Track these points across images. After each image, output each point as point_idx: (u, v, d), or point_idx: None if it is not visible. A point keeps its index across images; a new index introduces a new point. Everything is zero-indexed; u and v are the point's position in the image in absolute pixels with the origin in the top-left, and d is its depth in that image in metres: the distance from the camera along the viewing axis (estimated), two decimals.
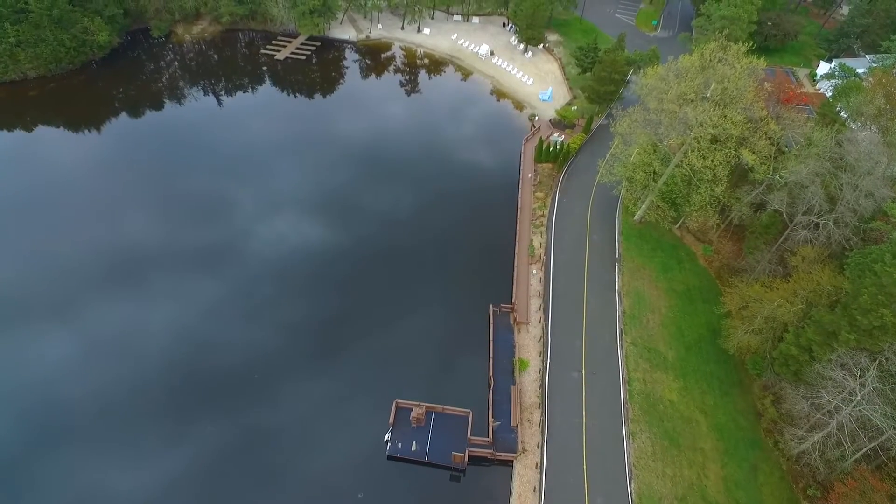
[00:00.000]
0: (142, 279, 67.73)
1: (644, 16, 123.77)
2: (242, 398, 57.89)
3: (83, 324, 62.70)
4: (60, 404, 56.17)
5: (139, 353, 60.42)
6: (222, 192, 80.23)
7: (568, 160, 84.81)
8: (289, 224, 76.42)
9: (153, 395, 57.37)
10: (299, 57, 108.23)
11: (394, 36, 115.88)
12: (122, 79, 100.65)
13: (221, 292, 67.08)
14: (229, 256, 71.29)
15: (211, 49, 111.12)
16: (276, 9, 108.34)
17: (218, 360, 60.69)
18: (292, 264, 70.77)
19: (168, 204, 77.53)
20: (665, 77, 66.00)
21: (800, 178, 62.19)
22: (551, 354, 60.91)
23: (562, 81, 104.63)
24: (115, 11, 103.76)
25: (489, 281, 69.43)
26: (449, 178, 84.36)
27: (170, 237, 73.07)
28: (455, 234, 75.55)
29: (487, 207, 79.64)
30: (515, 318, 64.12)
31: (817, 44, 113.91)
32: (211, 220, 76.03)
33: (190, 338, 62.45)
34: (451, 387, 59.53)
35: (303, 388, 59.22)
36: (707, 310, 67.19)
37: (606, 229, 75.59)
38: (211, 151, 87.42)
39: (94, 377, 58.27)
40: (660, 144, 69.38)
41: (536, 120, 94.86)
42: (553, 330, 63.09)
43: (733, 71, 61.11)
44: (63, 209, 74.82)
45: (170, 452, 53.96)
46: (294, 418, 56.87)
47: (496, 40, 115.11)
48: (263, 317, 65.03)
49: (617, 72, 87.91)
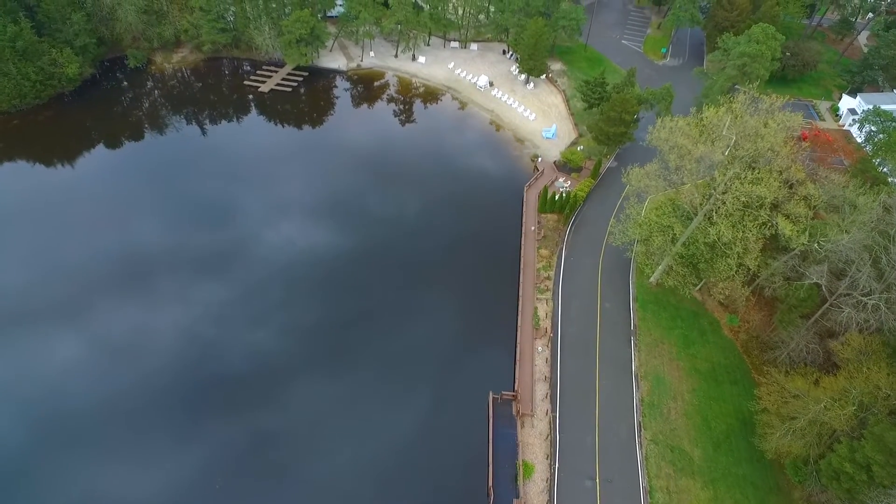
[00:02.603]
0: (107, 329, 60.69)
1: (652, 42, 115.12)
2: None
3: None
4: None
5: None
6: (191, 240, 71.63)
7: (575, 210, 76.06)
8: (265, 271, 67.78)
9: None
10: (285, 89, 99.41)
11: (387, 64, 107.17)
12: (92, 113, 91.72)
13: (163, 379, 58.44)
14: (180, 323, 62.82)
15: (191, 79, 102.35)
16: (260, 38, 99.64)
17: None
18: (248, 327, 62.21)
19: (136, 250, 69.68)
20: (688, 133, 57.42)
21: (842, 249, 53.64)
22: (560, 456, 52.00)
23: (566, 117, 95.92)
24: (88, 41, 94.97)
25: (488, 360, 60.51)
26: (443, 230, 75.44)
27: (141, 284, 65.59)
28: (450, 300, 66.44)
29: (486, 266, 70.72)
30: (519, 409, 55.24)
31: (838, 74, 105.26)
32: (177, 271, 67.90)
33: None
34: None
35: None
36: (735, 393, 58.45)
37: (619, 294, 66.82)
38: (185, 193, 78.56)
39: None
40: (679, 200, 60.91)
41: (539, 161, 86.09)
42: (562, 424, 54.22)
43: (767, 129, 52.49)
44: (21, 254, 66.45)
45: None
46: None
47: (495, 69, 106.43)
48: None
49: (627, 112, 79.12)
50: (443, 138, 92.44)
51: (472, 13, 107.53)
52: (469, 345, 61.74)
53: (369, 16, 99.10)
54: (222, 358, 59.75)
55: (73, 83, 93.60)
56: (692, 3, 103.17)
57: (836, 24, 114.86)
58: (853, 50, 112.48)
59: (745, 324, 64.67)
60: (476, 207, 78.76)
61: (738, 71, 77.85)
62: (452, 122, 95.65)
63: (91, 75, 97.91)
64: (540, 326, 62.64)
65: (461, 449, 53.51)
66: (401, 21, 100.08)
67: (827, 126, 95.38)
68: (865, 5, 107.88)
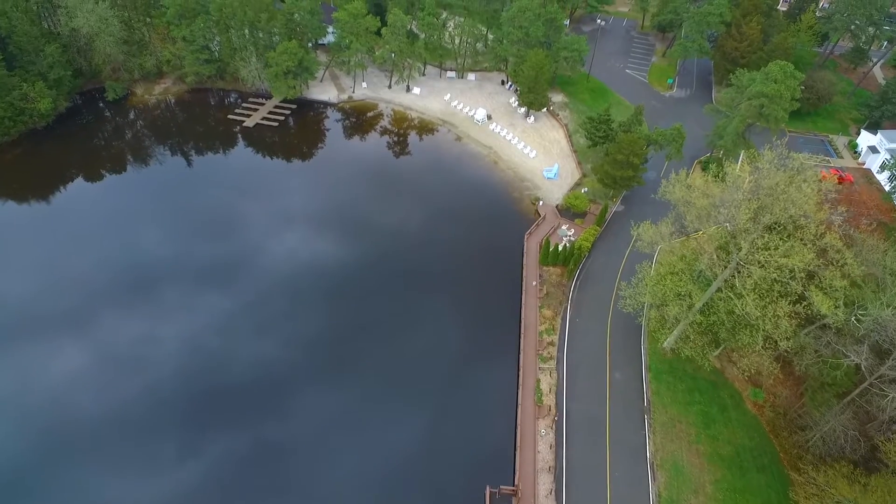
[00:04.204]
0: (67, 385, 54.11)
1: (657, 72, 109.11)
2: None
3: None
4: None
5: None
6: (167, 285, 65.08)
7: (580, 263, 69.50)
8: (242, 327, 61.02)
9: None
10: (271, 124, 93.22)
11: (379, 96, 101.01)
12: (65, 150, 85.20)
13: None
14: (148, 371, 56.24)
15: (173, 112, 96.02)
16: (245, 70, 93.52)
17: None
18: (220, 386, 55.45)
19: (110, 294, 64.28)
20: (707, 192, 50.96)
21: (887, 326, 47.02)
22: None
23: (569, 154, 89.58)
24: (62, 73, 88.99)
25: (485, 445, 53.40)
26: (438, 284, 68.54)
27: (111, 334, 60.47)
28: (445, 371, 59.26)
29: (484, 329, 63.66)
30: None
31: (855, 107, 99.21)
32: (148, 320, 61.63)
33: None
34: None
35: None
36: (763, 484, 51.38)
37: (630, 362, 59.95)
38: (160, 236, 72.11)
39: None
40: (695, 259, 54.44)
41: (541, 205, 79.54)
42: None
43: (801, 194, 45.99)
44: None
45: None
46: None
47: (494, 101, 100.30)
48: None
49: (635, 154, 72.74)
50: (438, 178, 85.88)
51: (470, 42, 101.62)
52: (464, 426, 54.60)
53: (361, 45, 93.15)
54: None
55: (45, 118, 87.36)
56: (700, 33, 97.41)
57: (848, 53, 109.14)
58: (869, 80, 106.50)
59: (771, 398, 57.79)
60: (473, 258, 71.96)
61: (755, 112, 71.61)
62: (448, 160, 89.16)
63: (66, 108, 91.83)
64: (543, 403, 55.70)
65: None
66: (394, 51, 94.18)
67: (845, 164, 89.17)
68: (882, 34, 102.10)
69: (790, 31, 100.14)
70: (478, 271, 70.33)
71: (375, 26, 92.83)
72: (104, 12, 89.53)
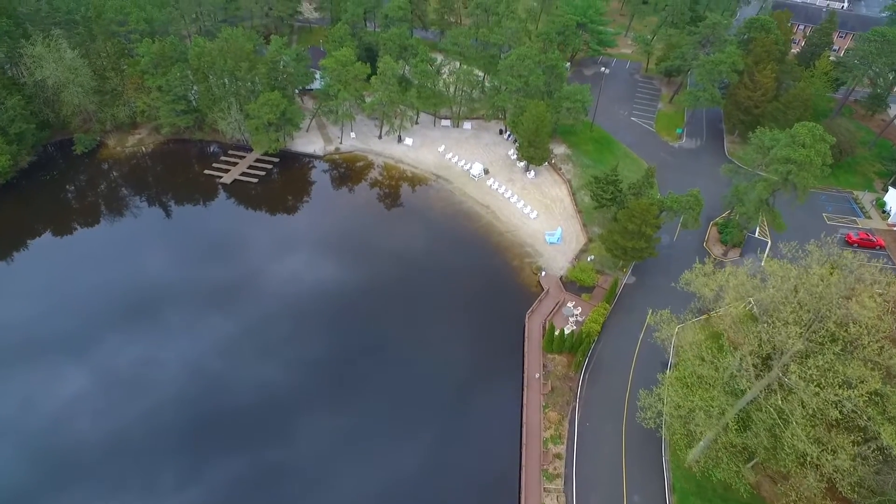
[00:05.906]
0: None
1: (664, 119, 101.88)
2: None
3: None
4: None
5: None
6: (129, 356, 56.20)
7: (588, 350, 60.77)
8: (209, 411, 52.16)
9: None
10: (250, 180, 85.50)
11: (369, 147, 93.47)
12: (25, 210, 77.30)
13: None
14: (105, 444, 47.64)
15: (145, 166, 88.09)
16: (224, 122, 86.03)
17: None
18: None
19: (68, 364, 56.76)
20: (743, 293, 42.67)
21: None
22: None
23: (573, 214, 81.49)
24: (25, 127, 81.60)
25: None
26: (426, 378, 59.14)
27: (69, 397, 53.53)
28: (428, 498, 50.25)
29: (479, 436, 54.27)
30: None
31: (878, 160, 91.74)
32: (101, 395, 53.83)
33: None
34: None
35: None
36: None
37: (651, 481, 50.67)
38: (120, 305, 63.94)
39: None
40: (723, 359, 45.85)
41: (543, 276, 71.08)
42: None
43: (864, 309, 37.60)
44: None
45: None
46: None
47: (492, 153, 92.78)
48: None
49: (648, 224, 64.78)
50: (429, 243, 77.36)
51: (466, 90, 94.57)
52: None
53: (349, 95, 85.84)
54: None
55: (3, 176, 79.63)
56: (711, 82, 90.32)
57: (865, 100, 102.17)
58: (891, 130, 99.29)
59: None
60: (467, 345, 62.77)
61: (781, 178, 63.79)
62: (441, 222, 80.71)
63: (30, 163, 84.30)
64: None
65: None
66: (384, 101, 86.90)
67: (874, 225, 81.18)
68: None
69: (805, 78, 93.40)
70: (472, 361, 61.21)
71: (365, 73, 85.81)
72: (74, 61, 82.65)
